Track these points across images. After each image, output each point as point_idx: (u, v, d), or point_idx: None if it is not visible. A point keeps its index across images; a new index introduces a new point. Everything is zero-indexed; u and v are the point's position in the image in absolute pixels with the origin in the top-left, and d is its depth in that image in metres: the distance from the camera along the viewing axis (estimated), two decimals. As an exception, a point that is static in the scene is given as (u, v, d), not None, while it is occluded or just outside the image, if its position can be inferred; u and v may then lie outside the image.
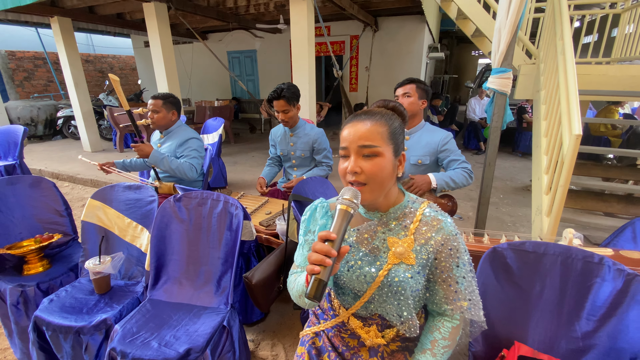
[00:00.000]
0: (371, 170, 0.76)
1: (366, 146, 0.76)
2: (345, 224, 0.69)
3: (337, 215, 0.70)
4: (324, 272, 0.65)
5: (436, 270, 0.81)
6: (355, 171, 0.76)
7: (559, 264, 0.99)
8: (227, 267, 1.42)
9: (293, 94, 1.97)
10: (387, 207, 0.85)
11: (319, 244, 0.66)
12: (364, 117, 0.79)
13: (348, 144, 0.78)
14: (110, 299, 1.49)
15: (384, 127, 0.78)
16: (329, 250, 0.65)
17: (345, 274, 0.85)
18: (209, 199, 1.46)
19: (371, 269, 0.82)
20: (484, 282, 1.03)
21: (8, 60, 7.92)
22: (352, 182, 0.77)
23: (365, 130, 0.76)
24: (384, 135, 0.77)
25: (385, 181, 0.79)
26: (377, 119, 0.79)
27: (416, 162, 1.78)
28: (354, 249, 0.86)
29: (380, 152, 0.76)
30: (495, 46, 1.62)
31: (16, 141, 3.96)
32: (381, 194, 0.80)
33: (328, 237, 0.66)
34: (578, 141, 1.86)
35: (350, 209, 0.70)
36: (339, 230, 0.68)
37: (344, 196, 0.72)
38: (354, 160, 0.77)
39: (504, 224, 3.01)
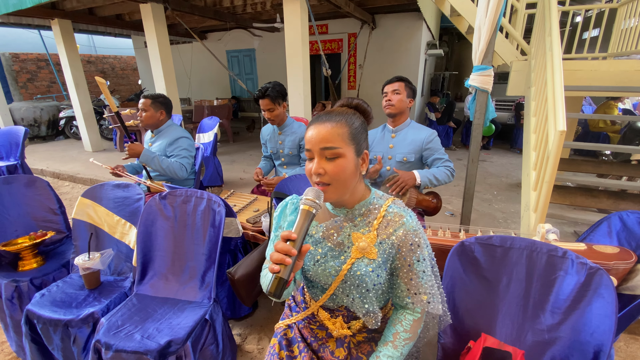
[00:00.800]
0: (333, 171, 0.79)
1: (328, 148, 0.78)
2: (307, 224, 0.73)
3: (299, 215, 0.74)
4: (284, 271, 0.67)
5: (398, 265, 0.84)
6: (319, 173, 0.79)
7: (524, 257, 1.02)
8: (211, 263, 1.46)
9: (278, 93, 2.00)
10: (353, 203, 0.88)
11: (280, 243, 0.69)
12: (325, 119, 0.81)
13: (311, 146, 0.81)
14: (99, 293, 1.53)
15: (344, 128, 0.80)
16: (289, 249, 0.67)
17: (312, 267, 0.88)
18: (193, 197, 1.50)
19: (335, 263, 0.86)
20: (453, 275, 1.06)
21: (12, 62, 8.03)
22: (317, 183, 0.80)
23: (326, 132, 0.79)
24: (345, 136, 0.80)
25: (348, 180, 0.81)
26: (337, 120, 0.81)
27: (402, 160, 1.81)
28: (320, 244, 0.89)
29: (342, 153, 0.79)
30: (475, 44, 1.64)
31: (17, 142, 4.03)
32: (345, 192, 0.83)
33: (289, 237, 0.69)
34: (562, 137, 1.87)
35: (312, 209, 0.74)
36: (300, 230, 0.71)
37: (307, 196, 0.75)
38: (317, 162, 0.80)
39: (495, 220, 3.02)
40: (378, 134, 1.94)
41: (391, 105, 1.77)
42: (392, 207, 0.87)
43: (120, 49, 11.01)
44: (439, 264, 1.00)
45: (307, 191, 0.77)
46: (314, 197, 0.75)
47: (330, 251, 0.87)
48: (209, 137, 3.92)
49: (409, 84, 1.78)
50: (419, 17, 6.27)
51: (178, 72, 8.94)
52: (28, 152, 6.24)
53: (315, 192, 0.76)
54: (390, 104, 1.77)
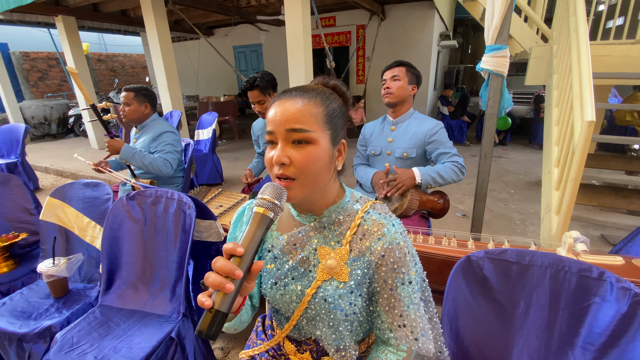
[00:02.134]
0: (301, 161, 0.60)
1: (296, 130, 0.60)
2: (260, 232, 0.54)
3: (251, 220, 0.54)
4: (222, 301, 0.48)
5: (377, 288, 0.65)
6: (282, 162, 0.60)
7: (548, 278, 0.80)
8: (181, 272, 1.29)
9: (268, 83, 1.82)
10: (323, 208, 0.69)
11: (221, 260, 0.50)
12: (295, 94, 0.63)
13: (274, 126, 0.61)
14: (63, 303, 1.39)
15: (318, 107, 0.62)
16: (232, 269, 0.48)
17: (269, 291, 0.70)
18: (163, 197, 1.34)
19: (297, 287, 0.67)
20: (456, 298, 0.85)
21: (22, 61, 8.13)
22: (279, 177, 0.61)
23: (295, 110, 0.60)
24: (319, 117, 0.62)
25: (319, 175, 0.63)
26: (311, 96, 0.63)
27: (401, 156, 1.60)
28: (279, 261, 0.70)
29: (313, 138, 0.60)
30: (488, 20, 1.41)
31: (18, 139, 4.00)
32: (314, 191, 0.64)
33: (233, 252, 0.50)
34: (591, 129, 1.62)
35: (269, 212, 0.55)
36: (250, 241, 0.52)
37: (264, 194, 0.56)
38: (280, 148, 0.61)
39: (511, 222, 2.76)
40: (377, 126, 1.73)
41: (389, 93, 1.56)
42: (370, 213, 0.67)
43: (131, 46, 11.05)
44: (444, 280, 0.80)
45: (263, 188, 0.58)
46: (272, 196, 0.56)
47: (292, 271, 0.69)
48: (208, 134, 3.79)
49: (411, 69, 1.57)
50: (431, 7, 5.96)
51: (185, 69, 8.94)
52: (36, 150, 6.29)
53: (275, 189, 0.57)
54: (389, 92, 1.56)
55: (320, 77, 0.72)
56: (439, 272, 1.04)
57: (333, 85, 0.70)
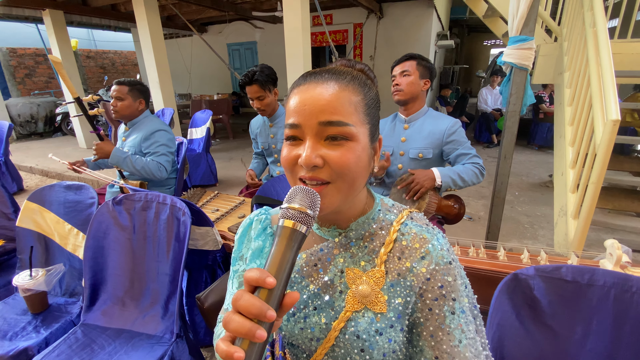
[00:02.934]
0: (340, 161, 0.47)
1: (333, 123, 0.46)
2: (291, 254, 0.40)
3: (278, 239, 0.41)
4: (251, 352, 0.34)
5: (420, 319, 0.51)
6: (315, 164, 0.46)
7: (611, 299, 0.69)
8: (175, 286, 1.15)
9: (267, 77, 1.69)
10: (349, 220, 0.55)
11: (245, 296, 0.35)
12: (328, 77, 0.49)
13: (302, 118, 0.47)
14: (42, 321, 1.24)
15: (357, 94, 0.49)
16: (262, 310, 0.35)
17: (285, 324, 0.56)
18: (154, 202, 1.19)
19: (321, 319, 0.54)
20: (501, 322, 0.73)
21: (9, 58, 7.84)
22: (306, 179, 0.48)
23: (331, 97, 0.47)
24: (359, 107, 0.49)
25: (358, 179, 0.50)
26: (348, 80, 0.49)
27: (416, 156, 1.48)
28: (298, 286, 0.57)
29: (353, 133, 0.47)
30: (513, 9, 1.29)
31: (1, 138, 3.79)
32: (350, 198, 0.51)
33: (262, 283, 0.36)
34: (615, 128, 1.53)
35: (301, 226, 0.41)
36: (280, 266, 0.38)
37: (292, 203, 0.42)
38: (311, 147, 0.47)
39: (520, 226, 2.66)
40: (387, 124, 1.61)
41: (399, 90, 1.44)
42: (408, 225, 0.54)
43: (121, 42, 10.78)
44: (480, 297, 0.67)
45: (291, 193, 0.44)
46: (304, 203, 0.42)
47: (314, 299, 0.55)
48: (202, 132, 3.63)
49: (423, 61, 1.43)
50: (429, 5, 5.89)
51: (178, 66, 8.72)
52: (22, 149, 6.03)
53: (307, 195, 0.44)
54: (399, 89, 1.44)
55: (344, 59, 0.58)
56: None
57: (360, 70, 0.56)
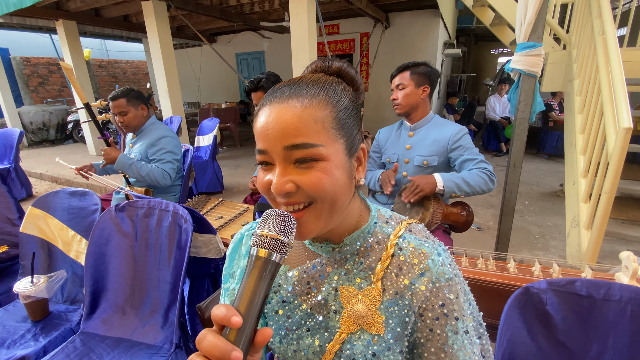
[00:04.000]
0: (314, 185, 0.43)
1: (298, 146, 0.43)
2: (263, 286, 0.37)
3: (248, 269, 0.38)
4: None
5: (420, 339, 0.48)
6: (286, 190, 0.43)
7: (628, 315, 0.65)
8: (175, 295, 1.13)
9: (273, 84, 1.68)
10: (342, 234, 0.52)
11: (209, 337, 0.33)
12: (289, 94, 0.45)
13: (266, 144, 0.44)
14: (42, 328, 1.23)
15: (324, 108, 0.44)
16: (224, 353, 0.32)
17: (278, 345, 0.54)
18: (156, 209, 1.18)
19: (315, 341, 0.51)
20: (511, 339, 0.69)
21: (23, 67, 8.06)
22: (284, 205, 0.45)
23: (293, 117, 0.43)
24: (327, 123, 0.44)
25: (338, 199, 0.46)
26: (312, 94, 0.44)
27: (421, 164, 1.45)
28: (290, 306, 0.54)
29: (323, 154, 0.43)
30: (520, 15, 1.28)
31: (12, 144, 3.87)
32: (332, 219, 0.47)
33: (226, 322, 0.34)
34: (628, 136, 1.49)
35: (274, 255, 0.38)
36: (250, 302, 0.36)
37: (264, 229, 0.40)
38: (280, 173, 0.44)
39: (530, 236, 2.60)
40: (393, 132, 1.59)
41: (397, 104, 1.45)
42: (406, 238, 0.51)
43: (132, 52, 11.03)
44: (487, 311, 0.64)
45: (263, 218, 0.42)
46: (277, 230, 0.40)
47: (307, 319, 0.52)
48: (209, 140, 3.65)
49: (416, 69, 1.40)
50: (436, 14, 5.91)
51: (187, 75, 8.87)
52: (33, 156, 6.15)
53: (280, 219, 0.41)
54: (396, 104, 1.45)
55: (319, 60, 0.53)
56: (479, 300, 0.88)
57: (337, 69, 0.51)
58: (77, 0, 4.93)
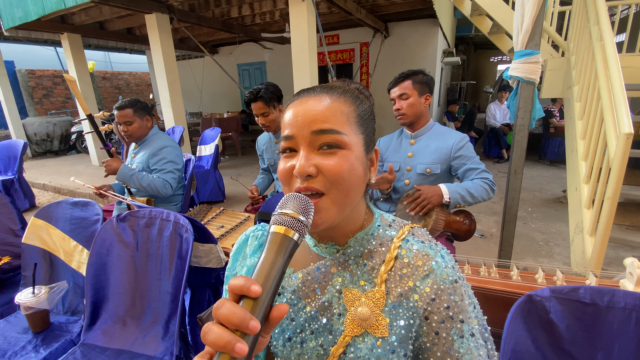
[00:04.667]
0: (333, 169, 0.46)
1: (325, 131, 0.47)
2: (281, 262, 0.37)
3: (267, 245, 0.38)
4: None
5: (426, 344, 0.48)
6: (308, 172, 0.45)
7: (633, 323, 0.64)
8: (176, 305, 1.12)
9: (272, 94, 1.71)
10: (347, 235, 0.53)
11: (227, 305, 0.33)
12: (320, 91, 0.50)
13: (294, 129, 0.48)
14: (42, 340, 1.22)
15: (349, 105, 0.50)
16: (244, 320, 0.32)
17: (281, 350, 0.53)
18: (157, 219, 1.19)
19: (319, 343, 0.51)
20: (515, 348, 0.68)
21: (28, 79, 8.19)
22: (303, 191, 0.46)
23: (323, 107, 0.48)
24: (351, 118, 0.50)
25: (353, 189, 0.48)
26: (339, 93, 0.51)
27: (424, 171, 1.45)
28: (294, 308, 0.54)
29: (347, 142, 0.48)
30: (518, 23, 1.29)
31: (16, 155, 3.90)
32: (345, 210, 0.49)
33: (246, 291, 0.34)
34: (629, 141, 1.49)
35: (292, 233, 0.39)
36: (268, 274, 0.36)
37: (284, 209, 0.41)
38: (304, 156, 0.47)
39: (534, 243, 2.57)
40: (394, 140, 1.59)
41: (402, 114, 1.43)
42: (409, 241, 0.51)
43: (136, 64, 11.20)
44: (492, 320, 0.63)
45: (284, 200, 0.43)
46: (296, 209, 0.41)
47: (311, 321, 0.52)
48: (210, 149, 3.68)
49: (418, 77, 1.40)
50: (435, 24, 5.98)
51: (190, 86, 8.98)
52: (37, 167, 6.20)
53: (300, 201, 0.42)
54: (401, 113, 1.43)
55: (340, 80, 0.60)
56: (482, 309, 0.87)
57: (355, 88, 0.56)
58: (82, 14, 5.03)
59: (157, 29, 4.35)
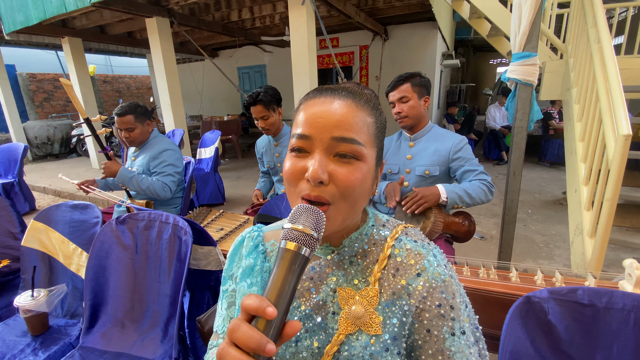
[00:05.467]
0: (347, 180, 0.45)
1: (347, 140, 0.45)
2: (293, 279, 0.37)
3: (279, 262, 0.38)
4: None
5: (418, 342, 0.48)
6: (321, 179, 0.44)
7: (632, 324, 0.64)
8: (175, 308, 1.12)
9: (272, 97, 1.71)
10: (342, 237, 0.54)
11: (243, 327, 0.34)
12: (345, 94, 0.48)
13: (314, 130, 0.46)
14: (41, 343, 1.22)
15: (372, 116, 0.49)
16: (261, 344, 0.32)
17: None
18: (157, 221, 1.19)
19: (313, 342, 0.51)
20: (514, 350, 0.68)
21: (29, 82, 8.22)
22: (312, 200, 0.45)
23: (348, 114, 0.46)
24: (371, 129, 0.49)
25: (359, 201, 0.49)
26: (364, 101, 0.49)
27: (423, 173, 1.46)
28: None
29: (364, 154, 0.47)
30: (515, 26, 1.30)
31: (16, 159, 3.91)
32: (349, 219, 0.50)
33: (260, 313, 0.34)
34: (627, 143, 1.49)
35: (304, 249, 0.38)
36: (280, 293, 0.36)
37: (296, 223, 0.40)
38: (319, 161, 0.45)
39: (534, 245, 2.57)
40: (393, 143, 1.60)
41: (404, 117, 1.42)
42: (402, 240, 0.52)
43: (136, 67, 11.25)
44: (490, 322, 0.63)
45: (295, 212, 0.42)
46: (310, 225, 0.40)
47: (306, 320, 0.53)
48: (210, 152, 3.68)
49: (416, 80, 1.40)
50: (434, 27, 6.01)
51: (190, 89, 9.01)
52: (37, 170, 6.21)
53: (313, 215, 0.41)
54: (402, 116, 1.42)
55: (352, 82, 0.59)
56: (481, 311, 0.87)
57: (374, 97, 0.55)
58: (83, 18, 5.06)
59: (158, 32, 4.38)
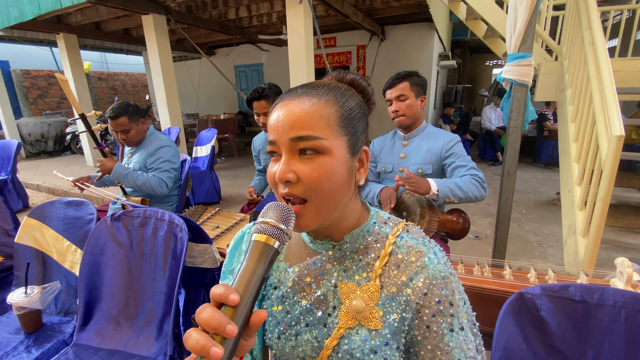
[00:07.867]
0: (311, 176, 0.46)
1: (302, 138, 0.46)
2: (262, 269, 0.40)
3: (248, 253, 0.41)
4: None
5: (417, 337, 0.49)
6: (287, 179, 0.46)
7: (622, 320, 0.65)
8: (170, 306, 1.12)
9: (276, 95, 1.71)
10: (343, 232, 0.54)
11: (208, 310, 0.35)
12: (301, 92, 0.50)
13: (276, 135, 0.48)
14: (34, 340, 1.21)
15: (331, 107, 0.49)
16: (221, 324, 0.34)
17: (276, 342, 0.54)
18: (152, 218, 1.18)
19: (313, 336, 0.51)
20: (507, 345, 0.69)
21: (23, 79, 8.13)
22: (287, 198, 0.48)
23: (301, 112, 0.47)
24: (332, 120, 0.48)
25: (336, 194, 0.49)
26: (321, 94, 0.49)
27: (415, 172, 1.46)
28: (289, 302, 0.55)
29: (325, 147, 0.47)
30: (510, 27, 1.31)
31: (9, 156, 3.87)
32: (330, 214, 0.50)
33: (224, 300, 0.36)
34: (620, 143, 1.51)
35: (273, 241, 0.41)
36: (248, 283, 0.38)
37: (265, 218, 0.43)
38: (284, 162, 0.47)
39: (528, 244, 2.60)
40: (387, 142, 1.60)
41: (401, 116, 1.42)
42: (403, 237, 0.53)
43: (132, 65, 11.16)
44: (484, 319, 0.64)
45: (265, 209, 0.45)
46: (277, 218, 0.43)
47: (306, 314, 0.53)
48: (207, 151, 3.67)
49: (414, 78, 1.40)
50: (431, 27, 6.04)
51: (186, 87, 8.96)
52: (31, 167, 6.15)
53: (280, 210, 0.44)
54: (400, 115, 1.42)
55: (335, 71, 0.58)
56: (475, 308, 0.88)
57: (350, 80, 0.56)
58: (78, 14, 5.01)
59: (154, 30, 4.35)
